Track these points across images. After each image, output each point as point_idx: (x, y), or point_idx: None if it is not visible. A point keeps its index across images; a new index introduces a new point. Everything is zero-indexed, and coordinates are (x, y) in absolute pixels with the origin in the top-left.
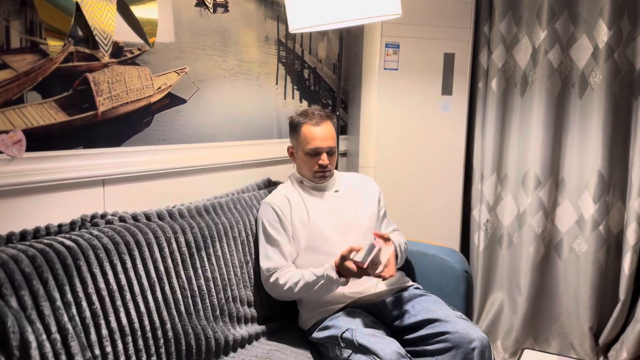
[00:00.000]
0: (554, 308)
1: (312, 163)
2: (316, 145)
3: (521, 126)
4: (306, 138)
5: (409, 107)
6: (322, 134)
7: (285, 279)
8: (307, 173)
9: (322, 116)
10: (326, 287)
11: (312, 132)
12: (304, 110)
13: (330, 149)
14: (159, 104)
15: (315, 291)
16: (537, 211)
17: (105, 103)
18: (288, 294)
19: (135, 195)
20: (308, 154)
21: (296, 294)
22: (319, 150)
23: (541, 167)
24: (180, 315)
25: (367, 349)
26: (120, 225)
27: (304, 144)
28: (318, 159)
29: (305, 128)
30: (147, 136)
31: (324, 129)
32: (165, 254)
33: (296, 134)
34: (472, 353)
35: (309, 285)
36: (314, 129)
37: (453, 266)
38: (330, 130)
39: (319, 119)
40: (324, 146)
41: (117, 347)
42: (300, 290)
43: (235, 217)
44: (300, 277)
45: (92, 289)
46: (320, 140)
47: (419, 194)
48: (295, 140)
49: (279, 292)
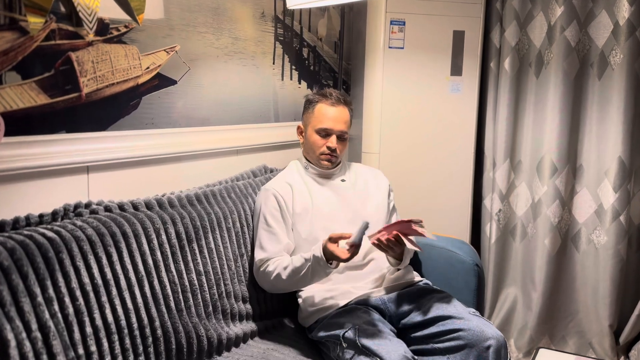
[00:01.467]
0: (571, 304)
1: (320, 144)
2: (328, 125)
3: (536, 109)
4: (319, 116)
5: (415, 88)
6: (336, 116)
7: (274, 266)
8: (312, 155)
9: (340, 99)
10: (315, 271)
11: (327, 111)
12: (322, 89)
13: (342, 134)
14: (147, 85)
15: (304, 276)
16: (553, 200)
17: (89, 84)
18: (277, 283)
19: (122, 183)
20: (318, 132)
21: (285, 282)
22: (329, 132)
23: (557, 153)
24: (170, 312)
25: (371, 351)
26: (106, 215)
27: (316, 122)
28: (327, 141)
29: (320, 106)
30: (135, 120)
31: (340, 111)
32: (154, 246)
33: (309, 111)
34: (486, 352)
35: (297, 269)
36: (328, 108)
37: (463, 259)
38: (346, 115)
39: (336, 100)
40: (336, 129)
41: (102, 346)
42: (289, 277)
43: (229, 206)
44: (288, 262)
45: (76, 283)
46: (333, 121)
47: (426, 182)
48: (307, 118)
49: (268, 282)
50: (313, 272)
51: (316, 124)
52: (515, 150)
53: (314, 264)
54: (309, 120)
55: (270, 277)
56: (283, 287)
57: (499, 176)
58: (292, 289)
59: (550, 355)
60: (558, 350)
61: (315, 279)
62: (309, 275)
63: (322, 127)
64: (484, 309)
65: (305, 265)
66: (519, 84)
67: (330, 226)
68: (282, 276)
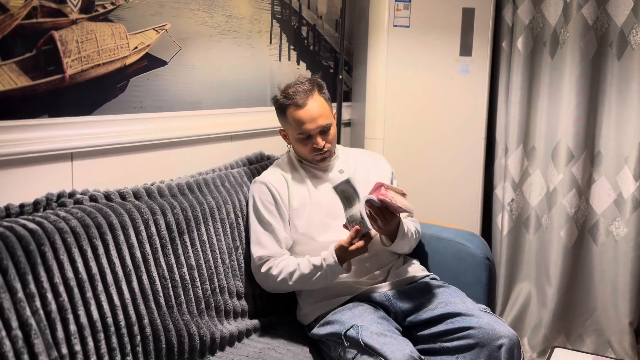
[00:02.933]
0: (588, 300)
1: (307, 147)
2: (305, 129)
3: (551, 92)
4: (294, 123)
5: (422, 69)
6: (310, 115)
7: (279, 269)
8: (304, 157)
9: (307, 91)
10: (326, 278)
11: (298, 115)
12: (286, 87)
13: (323, 128)
14: (135, 66)
15: (314, 282)
16: (570, 189)
17: (73, 65)
18: (282, 286)
19: (108, 171)
20: (299, 139)
21: (291, 287)
22: (310, 134)
23: (574, 139)
24: (160, 308)
25: (375, 351)
26: (91, 205)
27: (293, 130)
28: (313, 142)
29: (290, 112)
30: (122, 103)
31: (311, 107)
32: (143, 238)
33: (283, 117)
34: (498, 351)
35: (305, 276)
36: (299, 111)
37: (473, 252)
38: (320, 105)
39: (303, 96)
40: (314, 127)
41: (87, 345)
42: (295, 282)
43: (223, 196)
44: (295, 266)
45: (59, 278)
46: (309, 122)
47: (434, 169)
48: (284, 125)
49: (271, 284)
50: (325, 279)
51: (295, 132)
52: (528, 136)
53: (327, 272)
54: (287, 127)
55: (275, 281)
56: (286, 290)
57: (511, 163)
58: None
59: (566, 355)
60: (574, 350)
61: (323, 285)
62: (320, 282)
63: (300, 133)
64: (496, 305)
65: (315, 272)
66: (532, 65)
67: (329, 221)
68: (288, 282)
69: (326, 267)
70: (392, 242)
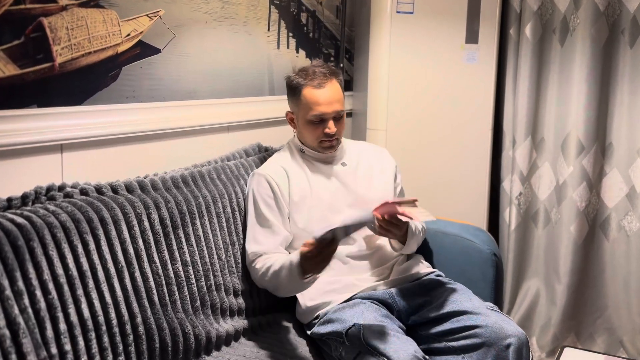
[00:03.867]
0: (599, 298)
1: (317, 132)
2: (321, 111)
3: (560, 80)
4: (308, 103)
5: (426, 58)
6: (327, 97)
7: (262, 264)
8: (310, 143)
9: (326, 74)
10: (290, 279)
11: (315, 95)
12: (303, 68)
13: (338, 114)
14: (127, 54)
15: (282, 282)
16: (580, 182)
17: (63, 53)
18: (261, 283)
19: (100, 164)
20: (311, 122)
21: (269, 284)
22: (324, 117)
23: (584, 130)
24: (153, 306)
25: (377, 351)
26: (82, 199)
27: (306, 111)
28: (324, 127)
29: (307, 91)
30: (114, 93)
31: (329, 90)
32: (136, 233)
33: (295, 98)
34: (506, 351)
35: (276, 273)
36: (316, 92)
37: (479, 248)
38: (337, 90)
39: (322, 78)
40: (330, 111)
41: (77, 344)
42: (270, 279)
43: (219, 189)
44: (274, 261)
45: (48, 275)
46: (325, 105)
47: (438, 161)
48: (295, 106)
49: (257, 280)
50: (291, 282)
51: (307, 112)
52: (537, 127)
53: (289, 271)
54: (297, 109)
55: (257, 274)
56: (269, 288)
57: (519, 155)
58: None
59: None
60: (585, 350)
61: (292, 289)
62: (287, 283)
63: (315, 115)
64: (503, 303)
65: (282, 269)
66: (541, 53)
67: (330, 216)
68: (265, 277)
69: (289, 266)
70: (402, 244)
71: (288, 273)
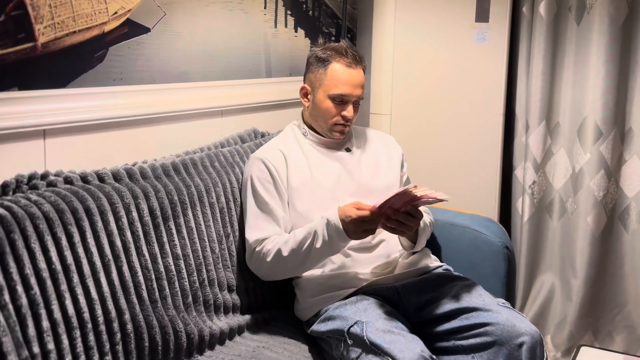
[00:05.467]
0: (618, 294)
1: (333, 112)
2: (346, 91)
3: (577, 62)
4: (335, 79)
5: (433, 37)
6: (355, 80)
7: (273, 243)
8: (322, 124)
9: (357, 58)
10: (325, 241)
11: (345, 74)
12: (331, 45)
13: (358, 99)
14: (115, 33)
15: (311, 250)
16: (598, 170)
17: (46, 32)
18: (277, 264)
19: (85, 150)
20: (332, 99)
21: (287, 260)
22: (346, 98)
23: (602, 114)
24: (142, 303)
25: (381, 350)
26: (66, 188)
27: (330, 86)
28: (342, 109)
29: (337, 66)
30: (100, 75)
31: (359, 74)
32: (124, 224)
33: (321, 70)
34: (519, 350)
35: (300, 243)
36: (347, 71)
37: (490, 240)
38: (363, 77)
39: (353, 59)
40: (354, 94)
41: (61, 343)
42: (292, 253)
43: (213, 177)
44: (289, 235)
45: (30, 269)
46: (352, 87)
47: (446, 148)
48: (317, 79)
49: (265, 266)
50: (325, 247)
51: (330, 88)
52: (552, 111)
53: (326, 231)
54: (320, 82)
55: (268, 258)
56: (283, 270)
57: (532, 142)
58: (295, 270)
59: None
60: (603, 349)
61: (324, 254)
62: (315, 247)
63: (338, 94)
64: (516, 299)
65: (310, 234)
66: (556, 32)
67: (330, 203)
68: (282, 252)
69: (326, 227)
70: (413, 243)
71: (324, 233)
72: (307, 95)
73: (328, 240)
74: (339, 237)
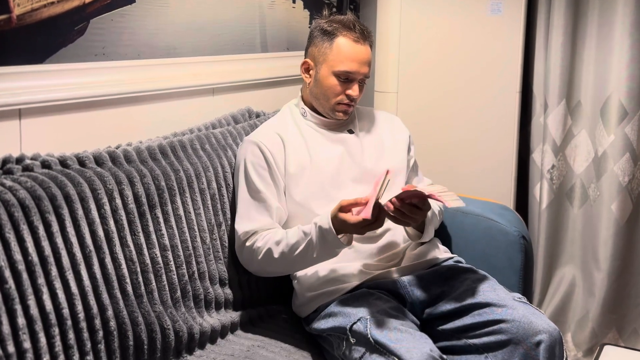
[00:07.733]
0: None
1: (338, 90)
2: (353, 68)
3: (600, 34)
4: (341, 54)
5: (443, 9)
6: (363, 57)
7: (264, 241)
8: (324, 103)
9: (365, 33)
10: (320, 248)
11: (353, 49)
12: (337, 17)
13: (364, 78)
14: (96, 4)
15: (302, 254)
16: (622, 153)
17: (22, 3)
18: (267, 264)
19: (64, 132)
20: (337, 75)
21: (277, 262)
22: (351, 76)
23: (628, 92)
24: (127, 298)
25: (387, 349)
26: (43, 172)
27: (335, 61)
28: (347, 87)
29: (344, 41)
30: (80, 49)
31: (366, 50)
32: (106, 212)
33: (326, 44)
34: (536, 349)
35: (294, 246)
36: (355, 46)
37: (505, 230)
38: (370, 55)
39: (361, 34)
40: (361, 72)
41: (38, 341)
42: (282, 255)
43: (203, 161)
44: (282, 235)
45: (4, 261)
46: (359, 64)
47: (458, 129)
48: (321, 54)
49: (255, 262)
50: (318, 250)
51: (336, 64)
52: (572, 89)
53: (319, 238)
54: (324, 57)
55: (259, 256)
56: (274, 270)
57: (551, 122)
58: (285, 271)
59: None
60: (629, 348)
61: (318, 259)
62: (310, 253)
63: (344, 70)
64: (533, 294)
65: (304, 240)
66: (577, 3)
67: (331, 192)
68: (273, 254)
69: (318, 233)
70: (420, 233)
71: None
72: (308, 71)
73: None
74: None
